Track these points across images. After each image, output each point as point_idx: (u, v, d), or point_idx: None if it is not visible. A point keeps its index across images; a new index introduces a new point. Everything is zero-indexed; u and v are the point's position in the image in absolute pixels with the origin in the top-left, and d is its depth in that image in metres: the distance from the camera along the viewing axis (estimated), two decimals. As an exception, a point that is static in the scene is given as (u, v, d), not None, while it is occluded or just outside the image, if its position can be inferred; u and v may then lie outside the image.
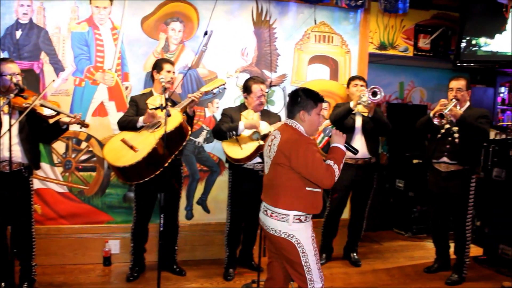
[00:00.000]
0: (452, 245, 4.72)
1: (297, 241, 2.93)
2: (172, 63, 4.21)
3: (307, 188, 2.93)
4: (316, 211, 3.01)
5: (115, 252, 4.62)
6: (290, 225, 2.92)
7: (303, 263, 2.95)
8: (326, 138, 4.48)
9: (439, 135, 4.51)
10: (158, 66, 4.15)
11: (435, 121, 4.29)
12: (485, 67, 6.00)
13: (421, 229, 6.21)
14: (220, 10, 4.70)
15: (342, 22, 5.16)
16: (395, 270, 4.87)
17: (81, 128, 3.87)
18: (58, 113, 3.70)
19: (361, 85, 4.70)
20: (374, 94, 4.39)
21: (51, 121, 3.77)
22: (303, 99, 2.99)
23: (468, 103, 4.49)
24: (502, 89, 7.21)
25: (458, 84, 4.44)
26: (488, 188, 5.22)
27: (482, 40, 5.62)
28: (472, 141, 4.38)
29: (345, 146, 3.06)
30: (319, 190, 2.99)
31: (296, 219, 2.93)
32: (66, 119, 3.71)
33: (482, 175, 5.31)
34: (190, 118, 4.21)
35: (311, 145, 2.90)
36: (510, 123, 6.47)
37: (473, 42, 5.63)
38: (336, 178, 2.90)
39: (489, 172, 5.24)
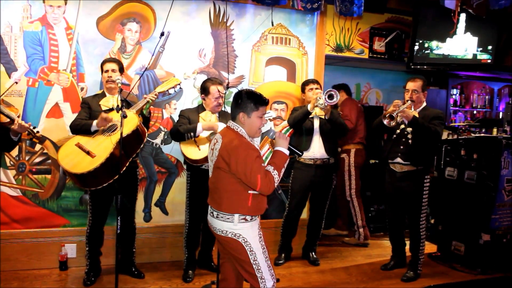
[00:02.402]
0: (408, 242, 4.84)
1: (244, 240, 2.94)
2: (112, 61, 4.15)
3: (249, 192, 2.94)
4: (259, 213, 3.03)
5: (72, 256, 4.53)
6: (236, 225, 2.93)
7: (252, 261, 2.95)
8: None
9: (394, 136, 4.61)
10: (101, 68, 4.16)
11: (385, 122, 4.38)
12: (437, 70, 6.18)
13: (378, 227, 6.32)
14: (177, 11, 4.68)
15: (299, 24, 5.22)
16: (353, 268, 4.95)
17: (32, 139, 3.72)
18: (13, 120, 3.53)
19: (316, 88, 4.77)
20: (331, 97, 4.44)
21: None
22: (243, 101, 2.98)
23: (424, 104, 4.60)
24: (454, 91, 7.46)
25: (414, 85, 4.53)
26: (441, 187, 5.37)
27: (434, 44, 5.80)
28: (425, 142, 4.48)
29: (289, 148, 3.04)
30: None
31: (242, 219, 2.95)
32: (16, 127, 3.48)
33: (435, 174, 5.47)
34: (146, 119, 4.20)
35: (250, 151, 2.88)
36: (462, 124, 6.68)
37: (426, 45, 5.81)
38: (276, 184, 2.90)
39: (442, 171, 5.40)
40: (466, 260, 5.04)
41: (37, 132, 3.62)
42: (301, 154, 3.25)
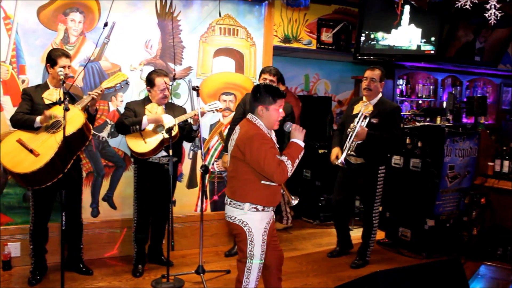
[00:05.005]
0: (358, 230, 4.94)
1: (248, 229, 3.06)
2: (68, 56, 3.98)
3: (262, 182, 3.04)
4: (271, 204, 3.14)
5: (16, 255, 4.38)
6: (245, 213, 3.05)
7: (248, 251, 3.08)
8: None
9: (349, 130, 4.64)
10: (51, 59, 3.92)
11: (338, 163, 4.52)
12: (383, 60, 6.31)
13: (328, 216, 6.39)
14: (122, 1, 4.57)
15: (247, 15, 5.21)
16: (303, 258, 5.02)
17: None
18: None
19: (271, 80, 4.65)
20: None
21: None
22: (262, 95, 3.08)
23: (380, 95, 4.66)
24: (400, 81, 7.62)
25: (372, 74, 4.59)
26: (389, 175, 5.49)
27: (379, 35, 5.92)
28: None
29: (304, 141, 3.15)
30: (275, 184, 3.08)
31: (252, 208, 3.05)
32: None
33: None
34: (91, 117, 4.09)
35: (264, 141, 3.00)
36: (408, 113, 6.86)
37: (372, 36, 5.92)
38: (290, 174, 3.00)
39: (389, 159, 5.52)
40: (412, 245, 5.21)
41: None
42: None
